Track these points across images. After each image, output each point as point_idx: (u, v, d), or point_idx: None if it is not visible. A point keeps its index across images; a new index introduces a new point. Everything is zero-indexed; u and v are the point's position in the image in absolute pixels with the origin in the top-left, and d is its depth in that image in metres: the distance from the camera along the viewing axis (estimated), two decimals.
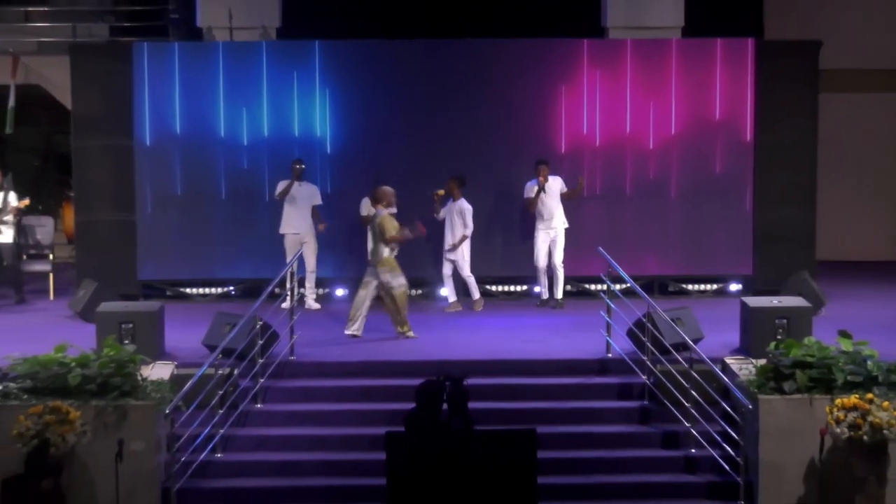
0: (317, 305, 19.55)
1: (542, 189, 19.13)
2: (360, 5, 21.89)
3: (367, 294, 17.30)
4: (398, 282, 17.17)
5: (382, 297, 17.36)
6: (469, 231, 19.20)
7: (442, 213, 19.36)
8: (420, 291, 20.50)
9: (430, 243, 19.57)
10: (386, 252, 17.09)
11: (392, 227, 17.04)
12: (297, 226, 19.35)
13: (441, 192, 19.17)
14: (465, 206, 19.20)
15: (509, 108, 20.41)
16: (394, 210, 17.62)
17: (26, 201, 20.84)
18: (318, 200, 19.47)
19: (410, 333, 17.31)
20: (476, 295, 19.61)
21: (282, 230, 19.35)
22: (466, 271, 19.44)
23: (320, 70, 20.45)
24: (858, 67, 22.84)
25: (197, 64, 20.51)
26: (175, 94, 20.37)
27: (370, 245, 18.91)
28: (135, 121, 20.29)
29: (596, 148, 20.47)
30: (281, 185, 19.34)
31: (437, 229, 19.48)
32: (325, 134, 20.46)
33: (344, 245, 20.00)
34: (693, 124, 20.52)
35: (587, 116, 20.51)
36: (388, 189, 17.47)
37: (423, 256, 19.78)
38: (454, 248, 19.18)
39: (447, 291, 19.71)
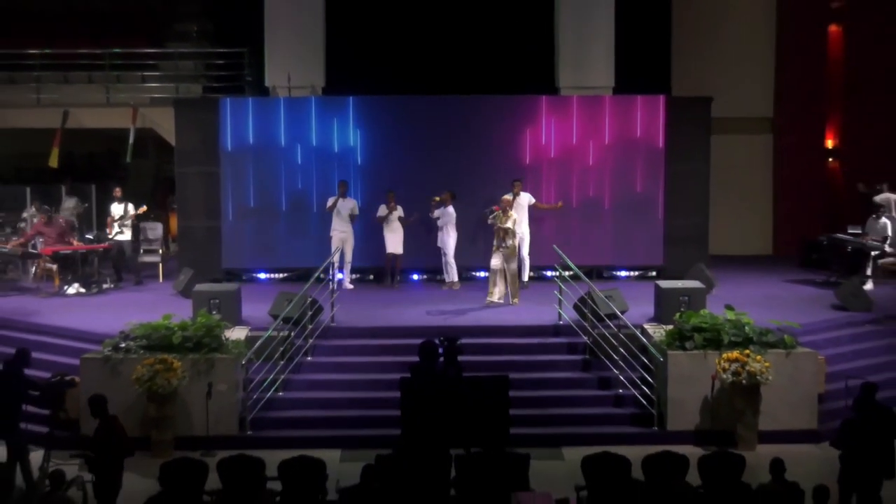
0: (351, 286, 19.48)
1: (512, 200, 19.04)
2: (381, 71, 21.81)
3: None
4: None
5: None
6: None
7: (436, 214, 19.27)
8: (426, 276, 20.42)
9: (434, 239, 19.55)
10: None
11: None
12: (341, 229, 19.24)
13: (437, 198, 19.10)
14: (451, 211, 19.12)
15: (488, 144, 20.32)
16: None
17: (144, 208, 20.86)
18: (356, 212, 19.38)
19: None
20: (448, 277, 19.53)
21: (331, 233, 19.25)
22: (451, 259, 19.36)
23: (353, 117, 20.37)
24: (738, 115, 22.79)
25: (265, 113, 20.42)
26: (249, 135, 20.28)
27: (388, 239, 19.26)
28: (220, 154, 20.20)
29: (551, 172, 20.39)
30: (330, 201, 19.25)
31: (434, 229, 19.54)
32: (356, 162, 20.36)
33: (369, 241, 19.91)
34: (621, 156, 20.42)
35: (545, 150, 20.43)
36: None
37: (428, 250, 19.67)
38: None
39: (446, 274, 19.62)
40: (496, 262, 17.47)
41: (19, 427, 12.78)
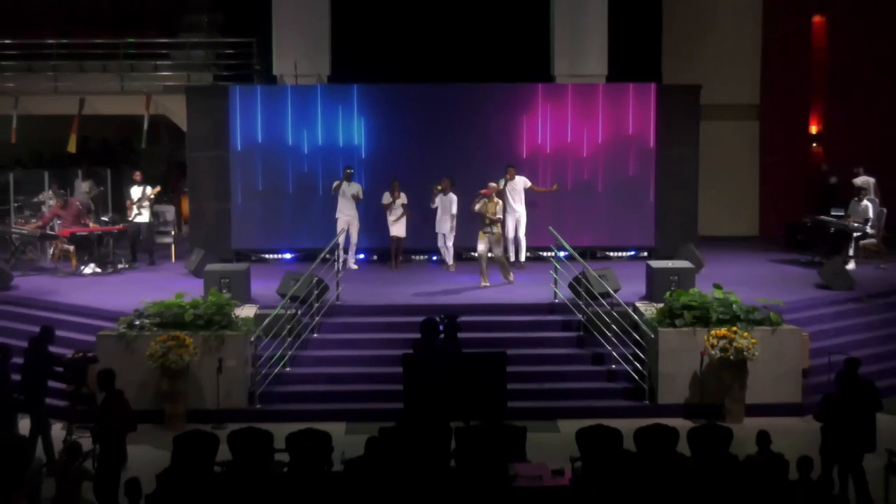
0: (355, 266, 19.42)
1: (505, 185, 19.05)
2: (384, 61, 21.72)
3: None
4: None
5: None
6: (454, 212, 19.02)
7: (436, 203, 19.20)
8: (424, 257, 20.36)
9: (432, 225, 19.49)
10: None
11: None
12: (346, 212, 19.14)
13: (438, 187, 19.03)
14: (453, 197, 19.04)
15: (487, 130, 20.28)
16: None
17: (158, 188, 20.79)
18: (360, 196, 19.29)
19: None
20: (449, 260, 19.45)
21: (336, 215, 19.16)
22: (450, 242, 19.28)
23: (357, 105, 20.30)
24: (725, 102, 22.72)
25: (273, 101, 20.35)
26: (257, 121, 20.22)
27: (392, 224, 19.16)
28: (230, 140, 20.14)
29: (547, 158, 20.34)
30: (336, 184, 19.16)
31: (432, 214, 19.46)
32: (360, 147, 20.31)
33: (373, 224, 19.86)
34: (613, 142, 20.37)
35: (541, 136, 20.37)
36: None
37: (427, 233, 19.61)
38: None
39: (444, 256, 19.56)
40: (482, 247, 17.34)
41: (43, 402, 12.77)
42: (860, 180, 20.55)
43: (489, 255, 17.32)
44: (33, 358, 12.77)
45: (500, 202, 17.58)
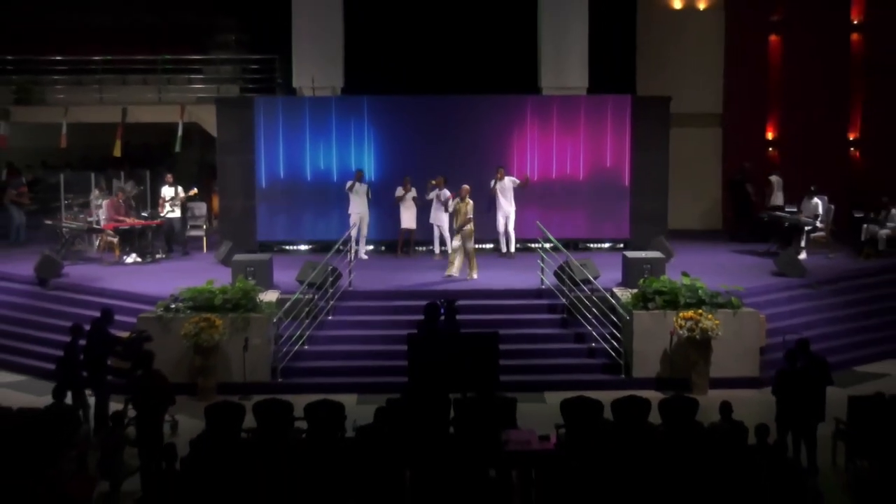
0: (366, 256, 19.35)
1: (495, 184, 19.00)
2: (392, 75, 21.61)
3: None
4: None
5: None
6: (451, 207, 18.93)
7: (431, 195, 19.03)
8: (425, 248, 20.27)
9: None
10: None
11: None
12: (358, 209, 19.06)
13: (433, 181, 18.90)
14: (447, 193, 18.91)
15: (481, 137, 20.17)
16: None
17: (195, 190, 20.78)
18: (369, 195, 19.23)
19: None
20: (449, 249, 19.30)
21: (349, 211, 19.07)
22: (446, 234, 19.15)
23: (367, 113, 20.22)
24: (692, 112, 22.58)
25: (292, 110, 20.26)
26: (279, 128, 20.12)
27: (403, 216, 19.15)
28: (254, 145, 20.05)
29: (535, 161, 20.25)
30: (349, 184, 19.08)
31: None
32: (370, 150, 20.22)
33: (382, 218, 19.80)
34: (594, 147, 20.27)
35: (529, 141, 20.28)
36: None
37: (429, 226, 19.55)
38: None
39: (444, 246, 19.46)
40: (456, 243, 17.17)
41: (105, 377, 12.70)
42: (773, 178, 21.34)
43: (461, 247, 17.14)
44: (95, 338, 12.73)
45: (472, 203, 17.36)
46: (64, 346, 12.71)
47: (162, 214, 19.99)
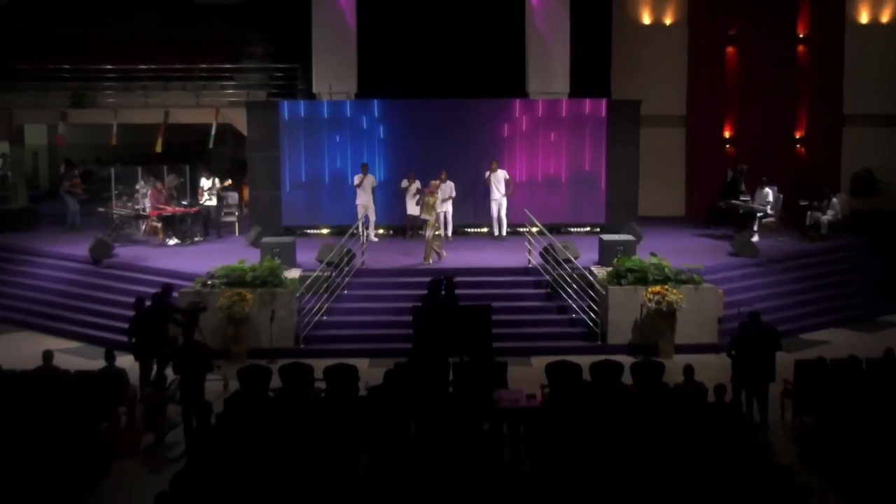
0: (375, 239, 19.26)
1: (489, 175, 18.92)
2: (399, 81, 21.44)
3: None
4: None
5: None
6: (453, 195, 18.85)
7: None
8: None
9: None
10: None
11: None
12: (365, 199, 18.94)
13: (438, 181, 18.68)
14: (451, 184, 18.82)
15: (477, 135, 20.05)
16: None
17: (229, 181, 20.74)
18: (374, 184, 19.13)
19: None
20: (449, 232, 19.23)
21: (357, 201, 18.98)
22: (449, 217, 19.05)
23: (377, 115, 20.13)
24: (659, 113, 22.46)
25: (312, 112, 20.16)
26: (301, 128, 20.03)
27: (409, 204, 19.01)
28: (280, 142, 19.95)
29: (523, 156, 20.16)
30: (357, 178, 18.95)
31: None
32: (380, 147, 20.12)
33: (391, 206, 19.73)
34: (574, 143, 20.17)
35: (518, 139, 20.19)
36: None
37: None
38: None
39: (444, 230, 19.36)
40: (429, 233, 16.76)
41: (167, 343, 12.63)
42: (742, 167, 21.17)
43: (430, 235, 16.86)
44: (157, 308, 12.69)
45: (439, 196, 17.23)
46: (130, 318, 12.62)
47: (201, 202, 19.94)
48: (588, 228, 20.30)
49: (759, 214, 19.29)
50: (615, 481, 8.58)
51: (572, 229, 20.32)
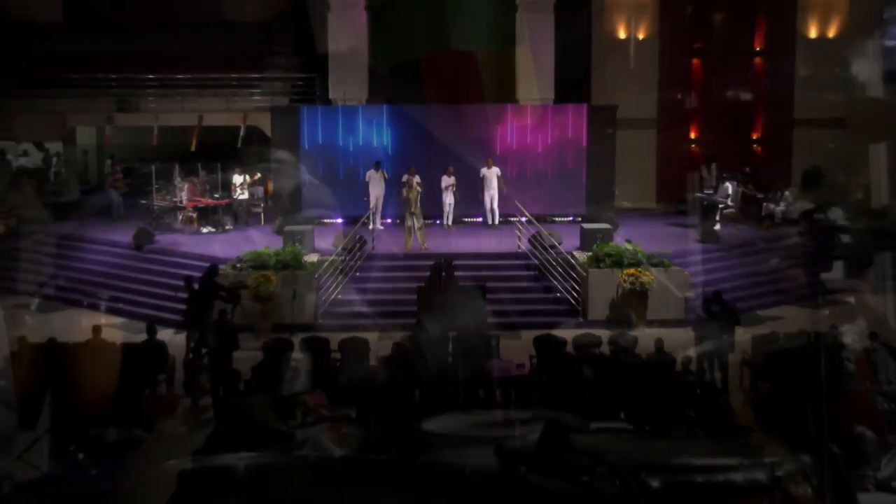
0: (381, 228, 19.14)
1: (485, 171, 18.82)
2: (405, 88, 21.34)
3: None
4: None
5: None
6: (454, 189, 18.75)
7: (444, 184, 18.85)
8: (431, 221, 20.06)
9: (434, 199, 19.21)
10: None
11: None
12: (375, 193, 18.79)
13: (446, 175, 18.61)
14: (453, 179, 18.73)
15: (472, 137, 19.90)
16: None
17: (258, 175, 20.41)
18: (385, 177, 19.03)
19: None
20: (450, 221, 19.14)
21: (368, 193, 18.85)
22: (451, 209, 19.00)
23: (386, 119, 20.04)
24: (633, 117, 22.26)
25: (329, 117, 20.08)
26: (318, 130, 19.96)
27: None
28: (300, 143, 19.86)
29: (514, 155, 20.07)
30: (368, 174, 18.87)
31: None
32: (388, 148, 20.03)
33: (395, 200, 19.66)
34: (558, 144, 20.08)
35: (509, 140, 20.10)
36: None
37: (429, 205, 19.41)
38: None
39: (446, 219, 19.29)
40: (409, 223, 16.63)
41: (207, 317, 12.54)
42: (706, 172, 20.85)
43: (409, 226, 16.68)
44: (205, 286, 12.67)
45: (421, 191, 17.00)
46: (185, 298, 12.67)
47: (234, 196, 19.89)
48: (571, 218, 20.18)
49: (720, 206, 19.24)
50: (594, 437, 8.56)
51: (557, 219, 20.19)
